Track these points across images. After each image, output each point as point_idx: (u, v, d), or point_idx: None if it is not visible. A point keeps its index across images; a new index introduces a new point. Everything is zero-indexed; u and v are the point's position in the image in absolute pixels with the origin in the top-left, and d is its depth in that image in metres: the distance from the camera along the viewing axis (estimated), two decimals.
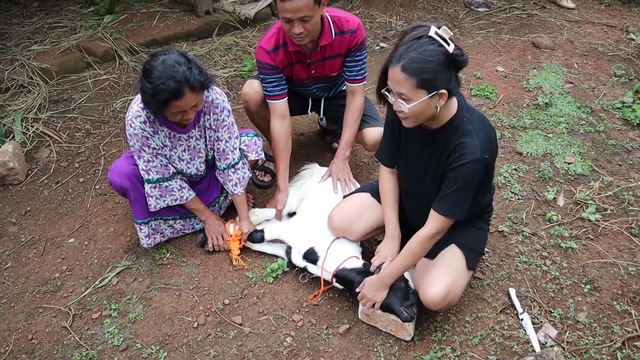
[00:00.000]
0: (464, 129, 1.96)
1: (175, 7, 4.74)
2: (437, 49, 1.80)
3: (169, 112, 2.14)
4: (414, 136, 2.10)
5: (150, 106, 2.11)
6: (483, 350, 2.24)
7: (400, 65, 1.81)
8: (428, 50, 1.80)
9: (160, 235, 2.65)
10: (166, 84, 2.02)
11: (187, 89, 2.06)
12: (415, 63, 1.79)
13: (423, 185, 2.19)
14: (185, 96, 2.07)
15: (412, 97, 1.84)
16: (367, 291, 2.20)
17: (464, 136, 1.95)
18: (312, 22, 2.34)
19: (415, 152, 2.16)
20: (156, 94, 2.03)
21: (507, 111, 3.71)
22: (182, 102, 2.08)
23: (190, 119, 2.20)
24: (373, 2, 5.23)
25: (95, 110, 3.70)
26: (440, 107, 1.90)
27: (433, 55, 1.79)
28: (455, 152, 1.95)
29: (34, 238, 2.79)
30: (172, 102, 2.06)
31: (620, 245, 2.71)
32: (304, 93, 2.88)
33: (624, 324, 2.34)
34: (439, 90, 1.84)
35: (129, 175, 2.42)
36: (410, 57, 1.80)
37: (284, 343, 2.28)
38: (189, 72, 2.05)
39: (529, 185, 3.08)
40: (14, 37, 4.18)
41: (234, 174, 2.56)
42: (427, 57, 1.79)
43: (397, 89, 1.86)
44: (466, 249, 2.23)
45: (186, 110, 2.13)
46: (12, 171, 3.06)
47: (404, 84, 1.83)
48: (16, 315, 2.41)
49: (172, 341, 2.29)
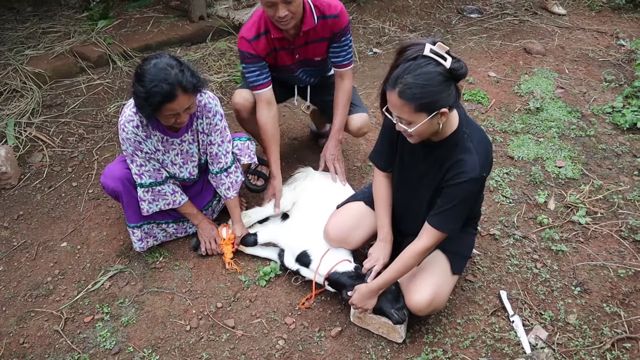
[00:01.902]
0: (463, 146, 1.96)
1: (169, 12, 4.76)
2: (434, 69, 1.75)
3: (162, 116, 2.15)
4: (413, 147, 2.07)
5: (144, 109, 2.12)
6: (474, 352, 2.26)
7: (398, 91, 1.78)
8: (424, 73, 1.75)
9: (153, 239, 2.65)
10: (159, 87, 2.03)
11: (180, 91, 2.07)
12: (412, 88, 1.76)
13: (416, 195, 2.21)
14: (178, 98, 2.09)
15: (413, 121, 1.83)
16: (357, 300, 2.21)
17: (463, 153, 1.95)
18: (295, 3, 2.35)
19: (411, 163, 2.16)
20: (149, 97, 2.05)
21: (499, 116, 3.74)
22: (175, 105, 2.10)
23: (184, 122, 2.21)
24: (366, 8, 5.27)
25: (89, 114, 3.71)
26: (442, 125, 1.89)
27: (430, 77, 1.75)
28: (454, 169, 1.96)
29: (26, 242, 2.79)
30: (165, 104, 2.08)
31: (610, 248, 2.73)
32: (290, 80, 2.88)
33: (613, 326, 2.36)
34: (440, 110, 1.81)
35: (122, 179, 2.42)
36: (407, 82, 1.76)
37: (277, 346, 2.28)
38: (181, 75, 2.07)
39: (520, 189, 3.11)
40: (7, 42, 4.19)
41: (227, 178, 2.57)
42: (424, 80, 1.75)
43: (396, 114, 1.86)
44: (451, 254, 2.25)
45: (179, 113, 2.14)
46: (4, 175, 3.06)
47: (402, 110, 1.81)
48: (7, 319, 2.41)
49: (165, 344, 2.30)
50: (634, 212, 2.93)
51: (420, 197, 2.19)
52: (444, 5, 5.40)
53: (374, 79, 4.19)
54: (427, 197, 2.14)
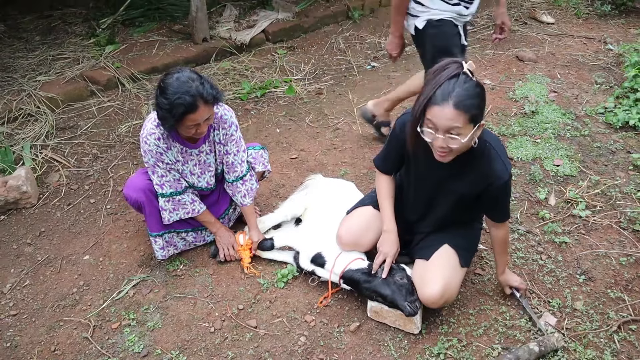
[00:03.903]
0: (489, 155, 2.12)
1: (173, 35, 4.93)
2: (475, 84, 1.90)
3: (183, 126, 2.28)
4: (430, 158, 2.10)
5: (167, 121, 2.25)
6: (488, 340, 2.36)
7: (453, 103, 1.86)
8: (472, 87, 1.88)
9: (174, 247, 2.76)
10: (182, 99, 2.16)
11: (201, 102, 2.21)
12: (465, 99, 1.87)
13: (434, 200, 2.34)
14: (200, 109, 2.22)
15: (465, 132, 1.92)
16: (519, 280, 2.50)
17: (491, 162, 2.12)
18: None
19: (429, 174, 2.26)
20: (173, 109, 2.18)
21: (497, 120, 3.89)
22: (197, 115, 2.23)
23: (203, 132, 2.34)
24: (362, 24, 5.46)
25: (101, 135, 3.84)
26: (476, 140, 2.03)
27: (477, 91, 1.90)
28: (488, 178, 2.14)
29: (49, 257, 2.89)
30: (187, 115, 2.21)
31: (611, 238, 2.86)
32: None
33: (618, 310, 2.47)
34: (479, 122, 1.95)
35: (144, 190, 2.54)
36: (461, 94, 1.86)
37: (298, 342, 2.38)
38: (202, 87, 2.21)
39: (522, 187, 3.24)
40: (20, 70, 4.34)
41: (243, 186, 2.69)
42: (471, 93, 1.88)
43: (449, 125, 1.90)
44: (458, 248, 2.38)
45: (200, 124, 2.27)
46: (25, 195, 3.18)
47: (458, 120, 1.88)
48: (38, 329, 2.50)
49: (191, 346, 2.39)
50: (631, 203, 3.06)
51: (439, 202, 2.33)
52: None
53: (373, 91, 4.34)
54: (450, 201, 2.29)
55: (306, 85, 4.45)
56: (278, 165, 3.48)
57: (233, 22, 5.06)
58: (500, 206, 2.27)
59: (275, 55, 4.86)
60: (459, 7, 2.83)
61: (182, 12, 5.13)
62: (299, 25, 5.21)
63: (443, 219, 2.40)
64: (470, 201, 2.27)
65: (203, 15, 4.69)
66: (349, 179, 3.27)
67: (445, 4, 2.81)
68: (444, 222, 2.41)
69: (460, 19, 2.89)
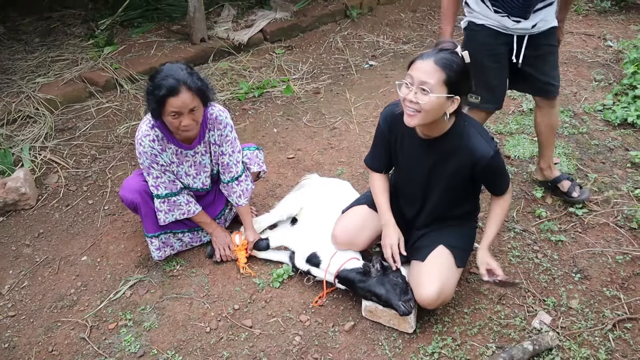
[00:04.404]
0: (468, 132, 2.16)
1: (171, 36, 4.95)
2: (462, 62, 2.03)
3: (166, 114, 2.28)
4: (413, 145, 2.26)
5: (150, 103, 2.28)
6: (482, 339, 2.37)
7: (433, 59, 2.00)
8: (456, 59, 2.02)
9: (170, 248, 2.77)
10: (165, 80, 2.21)
11: (184, 87, 2.23)
12: (447, 61, 2.00)
13: (428, 188, 2.36)
14: (181, 94, 2.23)
15: (436, 90, 2.00)
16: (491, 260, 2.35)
17: (470, 139, 2.15)
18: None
19: (415, 160, 2.32)
20: (155, 89, 2.22)
21: (494, 118, 3.88)
22: (178, 100, 2.23)
23: (188, 126, 2.31)
24: (360, 23, 5.46)
25: (100, 136, 3.86)
26: (448, 114, 2.07)
27: (460, 64, 2.02)
28: (470, 157, 2.16)
29: (48, 258, 2.91)
30: (168, 98, 2.22)
31: (607, 236, 2.86)
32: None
33: (614, 308, 2.47)
34: (456, 95, 2.03)
35: (140, 191, 2.56)
36: (443, 55, 2.01)
37: (293, 342, 2.39)
38: (189, 76, 2.25)
39: (518, 185, 3.24)
40: (19, 72, 4.36)
41: (238, 186, 2.70)
42: (455, 62, 2.01)
43: (423, 79, 2.00)
44: (453, 248, 2.38)
45: (182, 114, 2.27)
46: (24, 196, 3.20)
47: (433, 75, 1.99)
48: (35, 330, 2.52)
49: (187, 346, 2.41)
50: (628, 201, 3.06)
51: (431, 192, 2.36)
52: (435, 17, 5.59)
53: (371, 90, 4.34)
54: (441, 190, 2.31)
55: (304, 84, 4.45)
56: (275, 165, 3.49)
57: (231, 22, 5.07)
58: (497, 181, 2.30)
59: (273, 55, 4.87)
60: (503, 19, 2.61)
61: (180, 12, 5.15)
62: (297, 25, 5.21)
63: (438, 212, 2.41)
64: (461, 187, 2.29)
65: (201, 16, 4.70)
66: (345, 178, 3.28)
67: (487, 10, 2.64)
68: (440, 216, 2.42)
69: (513, 32, 2.65)
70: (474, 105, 2.89)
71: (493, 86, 2.81)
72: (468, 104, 2.87)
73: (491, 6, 2.62)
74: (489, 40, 2.69)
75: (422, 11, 5.73)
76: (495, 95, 2.84)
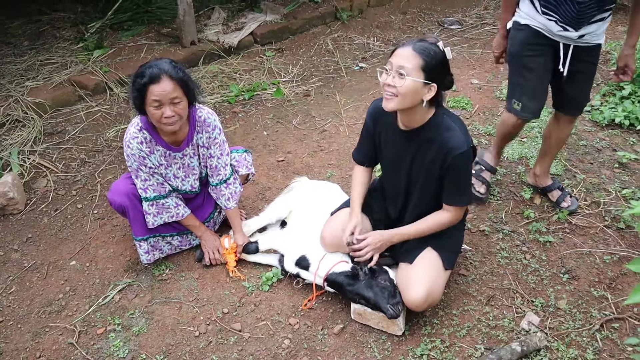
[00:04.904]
0: (445, 124, 2.18)
1: (161, 39, 4.94)
2: (442, 53, 2.10)
3: (147, 103, 2.28)
4: (394, 137, 2.30)
5: (131, 92, 2.31)
6: (471, 340, 2.37)
7: (412, 46, 2.07)
8: (436, 49, 2.09)
9: (159, 251, 2.77)
10: (148, 69, 2.25)
11: (165, 76, 2.25)
12: (426, 49, 2.07)
13: (407, 181, 2.37)
14: (162, 82, 2.24)
15: (412, 74, 2.04)
16: (373, 241, 2.36)
17: (446, 131, 2.16)
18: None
19: (395, 152, 2.34)
20: (137, 78, 2.26)
21: (483, 120, 3.90)
22: (159, 88, 2.24)
23: (170, 118, 2.30)
24: (350, 25, 5.47)
25: (89, 140, 3.84)
26: (425, 102, 2.10)
27: (438, 53, 2.08)
28: (443, 147, 2.16)
29: (36, 263, 2.89)
30: (149, 86, 2.24)
31: (595, 236, 2.87)
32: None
33: (601, 308, 2.49)
34: (433, 83, 2.07)
35: (128, 194, 2.55)
36: (422, 44, 2.08)
37: (282, 345, 2.39)
38: (172, 67, 2.29)
39: (507, 187, 3.25)
40: (7, 75, 4.34)
41: (227, 189, 2.70)
42: (434, 51, 2.08)
43: (401, 63, 2.06)
44: (441, 250, 2.39)
45: (164, 104, 2.27)
46: (12, 201, 3.18)
47: (411, 60, 2.05)
48: (23, 336, 2.50)
49: (176, 350, 2.40)
50: (616, 202, 3.08)
51: (412, 189, 2.37)
52: (425, 19, 5.61)
53: (361, 92, 4.35)
54: (420, 185, 2.31)
55: (294, 87, 4.46)
56: (264, 168, 3.49)
57: (221, 24, 5.07)
58: (455, 184, 2.25)
59: (263, 58, 4.87)
60: (550, 22, 2.52)
61: (170, 15, 5.14)
62: (287, 27, 5.22)
63: (421, 208, 2.40)
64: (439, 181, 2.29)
65: (191, 19, 4.69)
66: (335, 181, 3.28)
67: (534, 11, 2.56)
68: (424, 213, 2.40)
69: (557, 38, 2.57)
70: (515, 112, 2.80)
71: (533, 91, 2.72)
72: (510, 110, 2.82)
73: (540, 7, 2.53)
74: (530, 39, 2.62)
75: (412, 13, 5.75)
76: (534, 102, 2.74)
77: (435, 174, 2.25)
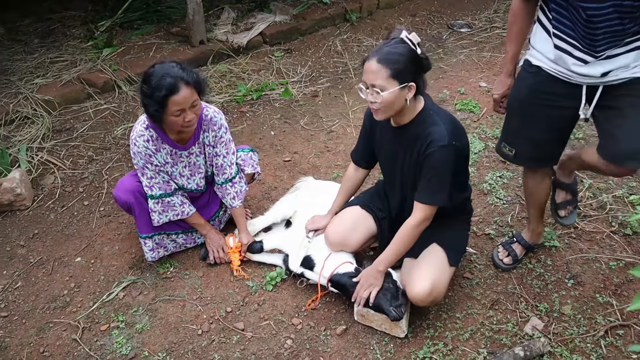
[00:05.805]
0: (431, 120, 2.17)
1: (171, 38, 4.96)
2: (407, 48, 2.05)
3: (169, 113, 2.27)
4: (387, 135, 2.32)
5: (150, 107, 2.27)
6: (474, 344, 2.36)
7: (376, 58, 2.04)
8: (400, 47, 2.05)
9: (164, 249, 2.78)
10: (163, 80, 2.22)
11: (183, 83, 2.24)
12: (389, 55, 2.03)
13: (402, 178, 2.37)
14: (182, 90, 2.24)
15: (386, 87, 2.04)
16: (364, 280, 2.35)
17: (431, 126, 2.15)
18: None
19: (389, 149, 2.36)
20: (154, 92, 2.22)
21: (491, 123, 3.89)
22: (180, 97, 2.24)
23: (191, 122, 2.33)
24: (359, 27, 5.46)
25: (97, 137, 3.86)
26: (409, 101, 2.10)
27: (405, 52, 2.04)
28: (424, 141, 2.14)
29: (42, 259, 2.92)
30: (169, 98, 2.23)
31: (601, 242, 2.85)
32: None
33: (606, 315, 2.47)
34: (409, 83, 2.06)
35: (134, 192, 2.56)
36: (385, 51, 2.05)
37: (285, 345, 2.39)
38: (182, 71, 2.27)
39: (513, 190, 3.23)
40: (17, 72, 4.37)
41: (232, 188, 2.71)
42: (399, 51, 2.04)
43: (372, 81, 2.06)
44: (447, 247, 2.38)
45: (185, 109, 2.28)
46: (19, 197, 3.20)
47: (378, 74, 2.03)
48: (27, 331, 2.52)
49: (178, 348, 2.41)
50: (622, 207, 3.05)
51: (407, 185, 2.36)
52: (434, 22, 5.59)
53: None
54: (412, 175, 2.28)
55: (302, 87, 4.46)
56: (271, 168, 3.50)
57: (230, 24, 5.07)
58: (429, 180, 2.15)
59: (272, 58, 4.87)
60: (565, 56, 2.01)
61: (180, 14, 5.15)
62: (296, 28, 5.22)
63: None
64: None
65: (200, 18, 4.71)
66: (341, 181, 3.27)
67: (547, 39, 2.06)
68: None
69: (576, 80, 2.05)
70: (506, 159, 2.49)
71: (536, 140, 2.28)
72: (501, 155, 2.47)
73: (552, 28, 2.02)
74: (542, 87, 2.16)
75: (422, 15, 5.73)
76: (538, 151, 2.32)
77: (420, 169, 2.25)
